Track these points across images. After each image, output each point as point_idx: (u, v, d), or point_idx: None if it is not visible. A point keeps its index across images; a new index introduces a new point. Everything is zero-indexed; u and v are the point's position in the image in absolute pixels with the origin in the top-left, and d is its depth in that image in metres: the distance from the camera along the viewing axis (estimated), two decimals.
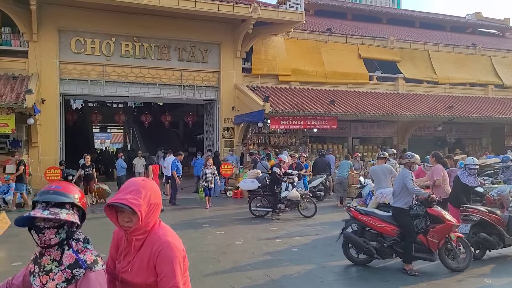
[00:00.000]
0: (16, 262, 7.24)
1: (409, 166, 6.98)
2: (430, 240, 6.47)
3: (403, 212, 6.66)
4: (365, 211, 7.12)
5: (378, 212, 7.12)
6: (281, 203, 11.44)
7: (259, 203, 11.80)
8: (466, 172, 7.69)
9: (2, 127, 13.78)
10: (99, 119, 24.42)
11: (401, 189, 6.69)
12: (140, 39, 17.70)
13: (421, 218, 6.62)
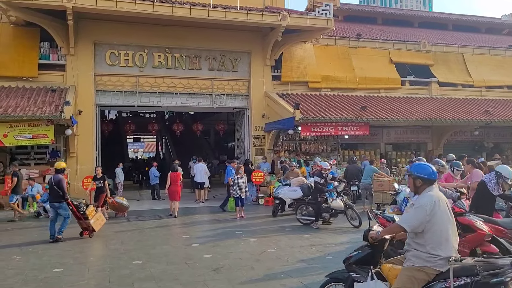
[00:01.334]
0: (58, 268, 7.46)
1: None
2: (460, 249, 6.24)
3: None
4: (392, 218, 6.98)
5: None
6: (326, 212, 11.24)
7: (305, 211, 11.57)
8: (494, 180, 7.03)
9: (42, 138, 14.33)
10: (132, 129, 25.02)
11: None
12: (172, 50, 18.07)
13: None
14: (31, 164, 15.86)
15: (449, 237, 3.91)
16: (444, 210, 3.98)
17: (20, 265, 7.71)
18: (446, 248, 3.87)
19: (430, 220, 3.90)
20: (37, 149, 16.04)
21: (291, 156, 17.76)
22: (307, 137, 17.72)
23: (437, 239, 3.88)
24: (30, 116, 13.74)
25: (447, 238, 3.89)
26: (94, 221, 10.11)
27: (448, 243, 3.89)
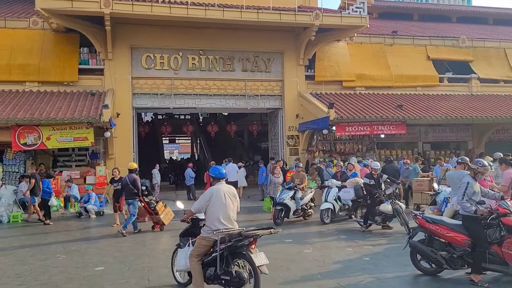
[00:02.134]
0: (99, 267, 7.68)
1: (474, 174, 6.51)
2: (505, 251, 6.01)
3: (474, 220, 6.25)
4: (432, 219, 6.78)
5: (446, 220, 6.77)
6: (378, 215, 10.45)
7: (360, 213, 11.13)
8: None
9: (83, 140, 14.79)
10: (168, 131, 25.47)
11: (468, 197, 6.32)
12: (206, 52, 18.27)
13: (495, 228, 6.18)
14: (72, 166, 16.43)
15: (219, 216, 5.60)
16: (219, 198, 5.67)
17: (64, 263, 8.00)
18: (216, 224, 5.57)
19: (208, 205, 5.65)
20: (78, 151, 16.58)
21: (325, 156, 17.58)
22: (341, 137, 17.48)
23: (212, 217, 5.63)
24: (71, 120, 14.22)
25: (218, 217, 5.59)
26: (164, 215, 11.35)
27: (218, 220, 5.59)
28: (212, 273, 5.55)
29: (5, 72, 16.29)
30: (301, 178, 12.43)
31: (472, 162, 6.91)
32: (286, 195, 11.60)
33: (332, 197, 11.76)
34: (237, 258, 5.45)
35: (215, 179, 5.92)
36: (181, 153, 49.03)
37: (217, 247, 5.43)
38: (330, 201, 11.73)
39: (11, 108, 14.51)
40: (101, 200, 14.71)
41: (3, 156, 14.67)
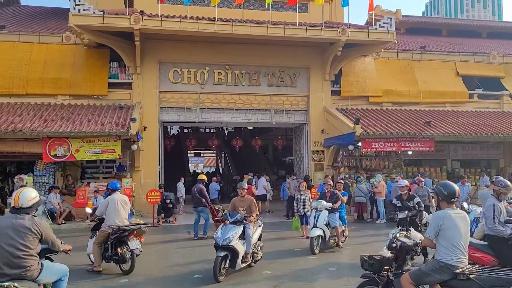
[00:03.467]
0: (124, 279, 7.73)
1: (498, 195, 6.24)
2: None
3: (501, 240, 6.00)
4: None
5: (472, 241, 6.52)
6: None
7: None
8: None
9: (110, 153, 15.07)
10: (193, 144, 25.69)
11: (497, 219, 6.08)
12: (232, 67, 18.45)
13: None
14: (99, 177, 16.72)
15: (114, 217, 8.15)
16: (113, 204, 8.19)
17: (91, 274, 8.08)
18: (111, 222, 8.19)
19: (107, 209, 8.28)
20: (105, 164, 16.89)
21: (351, 172, 17.37)
22: (368, 153, 17.27)
23: (108, 217, 8.17)
24: (100, 132, 14.54)
25: (112, 218, 8.17)
26: None
27: (112, 219, 8.20)
28: (108, 254, 8.08)
29: (38, 86, 16.83)
30: (249, 205, 8.61)
31: (494, 182, 6.67)
32: (232, 234, 7.75)
33: (323, 222, 10.06)
34: (121, 244, 8.08)
35: (112, 190, 8.59)
36: (206, 167, 49.33)
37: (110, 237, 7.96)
38: (320, 227, 10.01)
39: (43, 121, 14.95)
40: None
41: (34, 167, 15.06)
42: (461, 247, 4.67)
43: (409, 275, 4.78)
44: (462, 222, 4.76)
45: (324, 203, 10.23)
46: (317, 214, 10.15)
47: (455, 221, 4.71)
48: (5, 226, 4.44)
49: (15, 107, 16.08)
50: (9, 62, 16.83)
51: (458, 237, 4.67)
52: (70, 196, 15.30)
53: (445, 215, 4.72)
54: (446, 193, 4.84)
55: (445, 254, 4.64)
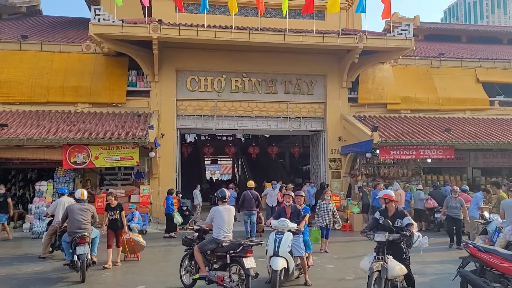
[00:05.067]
0: (140, 285, 7.76)
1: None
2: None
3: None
4: (485, 248, 6.43)
5: (500, 250, 6.38)
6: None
7: None
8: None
9: (128, 160, 15.22)
10: (210, 151, 25.78)
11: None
12: (249, 75, 18.52)
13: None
14: (118, 184, 16.90)
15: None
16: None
17: (107, 281, 8.14)
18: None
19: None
20: (124, 170, 17.07)
21: (368, 180, 17.19)
22: (386, 161, 17.09)
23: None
24: (118, 140, 14.71)
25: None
26: None
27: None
28: (57, 243, 10.21)
29: (59, 94, 17.15)
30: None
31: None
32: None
33: (286, 248, 7.41)
34: None
35: (61, 194, 11.11)
36: (223, 174, 49.47)
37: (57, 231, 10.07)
38: (283, 255, 7.36)
39: (63, 128, 15.21)
40: (144, 219, 14.96)
41: (54, 174, 15.29)
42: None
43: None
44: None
45: (289, 223, 7.64)
46: (278, 238, 7.46)
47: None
48: (77, 208, 8.75)
49: (37, 115, 16.41)
50: (31, 70, 17.22)
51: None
52: (89, 202, 15.42)
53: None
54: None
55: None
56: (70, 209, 8.79)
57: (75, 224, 8.51)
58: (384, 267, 6.07)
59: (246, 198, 13.87)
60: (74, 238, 8.37)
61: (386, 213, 6.78)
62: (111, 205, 9.66)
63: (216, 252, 7.15)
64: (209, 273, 7.07)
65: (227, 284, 6.78)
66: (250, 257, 6.85)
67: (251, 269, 6.70)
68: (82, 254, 8.20)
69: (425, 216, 15.46)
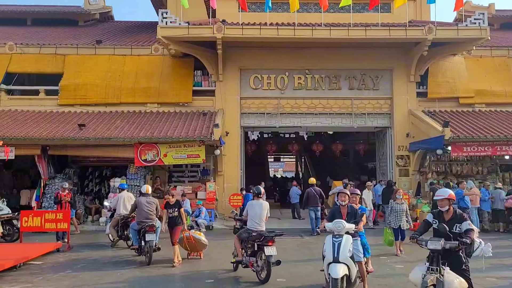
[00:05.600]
0: (210, 279, 7.97)
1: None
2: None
3: None
4: None
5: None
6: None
7: None
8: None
9: (195, 157, 15.69)
10: (273, 149, 25.88)
11: None
12: (312, 71, 18.35)
13: None
14: (185, 181, 17.46)
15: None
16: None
17: (177, 272, 8.45)
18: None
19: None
20: (190, 168, 17.61)
21: (439, 178, 16.40)
22: (458, 158, 16.20)
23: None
24: (185, 138, 15.21)
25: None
26: None
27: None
28: (119, 233, 11.46)
29: (130, 95, 18.04)
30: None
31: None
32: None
33: (347, 253, 6.48)
34: (127, 227, 11.24)
35: (121, 189, 12.20)
36: (286, 171, 49.45)
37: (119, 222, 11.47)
38: (344, 261, 6.43)
39: (135, 127, 15.98)
40: (210, 215, 15.35)
41: (127, 171, 16.12)
42: None
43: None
44: None
45: (346, 224, 6.73)
46: (337, 242, 6.52)
47: None
48: (144, 201, 9.82)
49: (110, 115, 17.38)
50: (105, 73, 18.26)
51: None
52: (159, 198, 16.07)
53: None
54: None
55: None
56: (138, 201, 9.90)
57: (143, 214, 9.65)
58: (440, 280, 5.32)
59: (310, 195, 14.02)
60: (143, 227, 9.51)
61: (442, 216, 5.90)
62: (170, 202, 9.68)
63: (249, 240, 8.02)
64: (244, 258, 8.09)
65: (255, 268, 7.82)
66: (272, 246, 7.64)
67: (271, 256, 7.54)
68: (150, 240, 9.34)
69: (504, 216, 14.49)
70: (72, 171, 16.67)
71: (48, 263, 9.56)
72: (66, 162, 16.97)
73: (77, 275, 8.44)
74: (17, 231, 12.15)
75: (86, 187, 17.75)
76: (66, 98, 17.89)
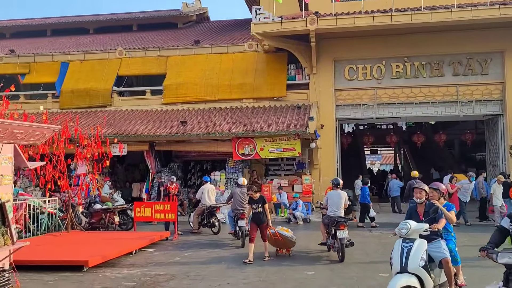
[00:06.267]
0: (309, 271, 8.02)
1: None
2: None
3: None
4: None
5: None
6: None
7: None
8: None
9: (291, 151, 15.83)
10: (370, 141, 25.11)
11: None
12: (410, 59, 17.45)
13: None
14: (281, 174, 17.70)
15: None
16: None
17: (276, 263, 8.63)
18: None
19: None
20: (286, 161, 17.80)
21: None
22: None
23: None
24: (281, 132, 15.40)
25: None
26: None
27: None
28: (204, 222, 12.83)
29: (227, 92, 18.70)
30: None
31: None
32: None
33: (419, 261, 5.24)
34: (212, 216, 12.81)
35: (205, 182, 13.49)
36: (383, 164, 47.76)
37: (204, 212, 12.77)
38: (413, 271, 5.22)
39: (232, 123, 16.56)
40: (307, 208, 15.39)
41: (226, 165, 16.78)
42: None
43: None
44: None
45: (413, 224, 5.48)
46: (406, 247, 5.34)
47: None
48: (239, 191, 10.92)
49: (209, 112, 18.18)
50: (203, 72, 19.14)
51: None
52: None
53: None
54: None
55: None
56: (234, 192, 11.13)
57: (237, 204, 10.83)
58: None
59: (412, 188, 13.25)
60: (236, 214, 10.77)
61: None
62: (253, 198, 9.28)
63: (330, 225, 9.22)
64: (328, 240, 9.31)
65: (334, 249, 9.14)
66: (343, 229, 8.83)
67: (343, 239, 8.75)
68: (242, 226, 10.59)
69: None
70: (176, 165, 17.83)
71: (158, 250, 10.34)
72: (170, 157, 18.20)
73: (185, 262, 9.01)
74: (131, 220, 13.31)
75: (189, 180, 18.84)
76: (169, 97, 19.08)
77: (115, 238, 11.13)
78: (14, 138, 6.50)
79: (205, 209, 12.64)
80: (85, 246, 10.00)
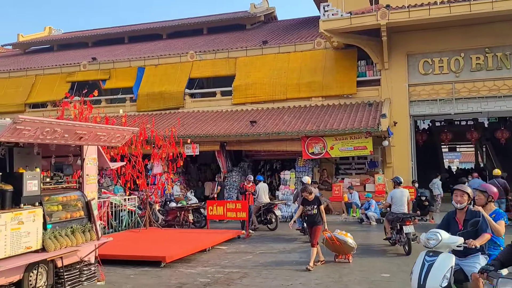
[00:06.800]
0: (385, 273, 7.77)
1: None
2: None
3: None
4: None
5: None
6: None
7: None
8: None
9: (362, 149, 15.44)
10: (448, 138, 23.82)
11: None
12: (493, 49, 16.29)
13: None
14: (352, 173, 17.32)
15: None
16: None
17: (351, 266, 8.46)
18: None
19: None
20: (357, 160, 17.38)
21: None
22: None
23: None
24: (351, 130, 15.06)
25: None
26: None
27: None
28: (260, 218, 13.56)
29: (295, 90, 18.62)
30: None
31: None
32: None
33: (441, 278, 4.38)
34: (269, 212, 13.50)
35: (258, 181, 13.95)
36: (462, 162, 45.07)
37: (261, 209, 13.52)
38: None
39: (301, 122, 16.47)
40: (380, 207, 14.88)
41: (295, 164, 16.73)
42: None
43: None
44: None
45: (444, 235, 4.65)
46: (428, 262, 4.55)
47: None
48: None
49: (278, 111, 18.23)
50: (271, 72, 19.23)
51: None
52: (327, 190, 16.35)
53: None
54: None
55: None
56: (299, 193, 11.15)
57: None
58: None
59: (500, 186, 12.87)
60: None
61: None
62: (308, 199, 8.61)
63: (394, 221, 9.75)
64: (393, 235, 9.82)
65: (401, 243, 9.55)
66: (409, 225, 9.30)
67: (409, 233, 9.21)
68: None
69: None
70: (246, 165, 18.09)
71: (231, 248, 10.56)
72: (240, 157, 18.50)
73: (257, 260, 9.11)
74: (204, 218, 13.72)
75: None
76: (238, 98, 19.40)
77: (190, 235, 11.55)
78: (98, 140, 6.93)
79: (261, 206, 13.35)
80: (163, 242, 10.48)
